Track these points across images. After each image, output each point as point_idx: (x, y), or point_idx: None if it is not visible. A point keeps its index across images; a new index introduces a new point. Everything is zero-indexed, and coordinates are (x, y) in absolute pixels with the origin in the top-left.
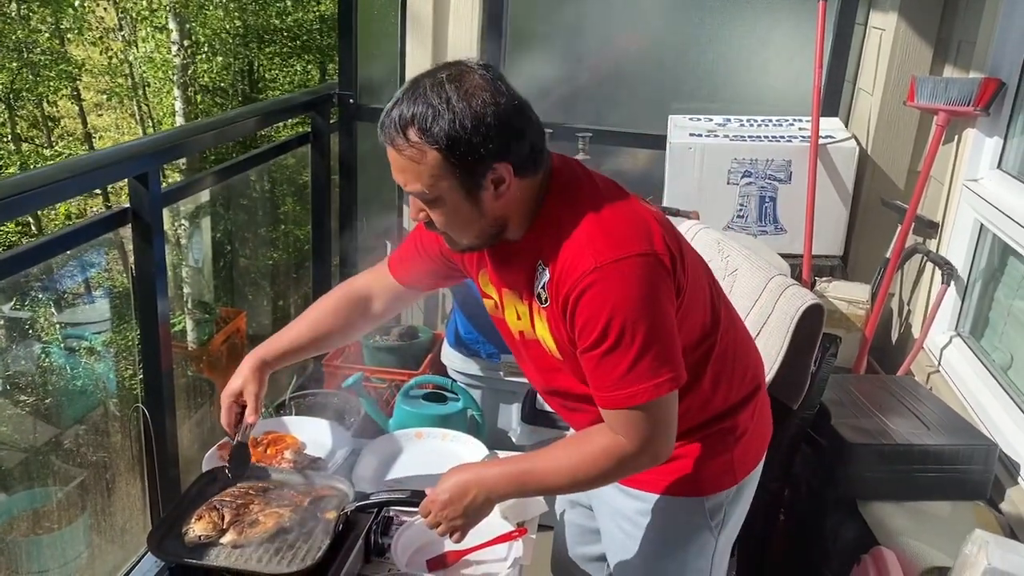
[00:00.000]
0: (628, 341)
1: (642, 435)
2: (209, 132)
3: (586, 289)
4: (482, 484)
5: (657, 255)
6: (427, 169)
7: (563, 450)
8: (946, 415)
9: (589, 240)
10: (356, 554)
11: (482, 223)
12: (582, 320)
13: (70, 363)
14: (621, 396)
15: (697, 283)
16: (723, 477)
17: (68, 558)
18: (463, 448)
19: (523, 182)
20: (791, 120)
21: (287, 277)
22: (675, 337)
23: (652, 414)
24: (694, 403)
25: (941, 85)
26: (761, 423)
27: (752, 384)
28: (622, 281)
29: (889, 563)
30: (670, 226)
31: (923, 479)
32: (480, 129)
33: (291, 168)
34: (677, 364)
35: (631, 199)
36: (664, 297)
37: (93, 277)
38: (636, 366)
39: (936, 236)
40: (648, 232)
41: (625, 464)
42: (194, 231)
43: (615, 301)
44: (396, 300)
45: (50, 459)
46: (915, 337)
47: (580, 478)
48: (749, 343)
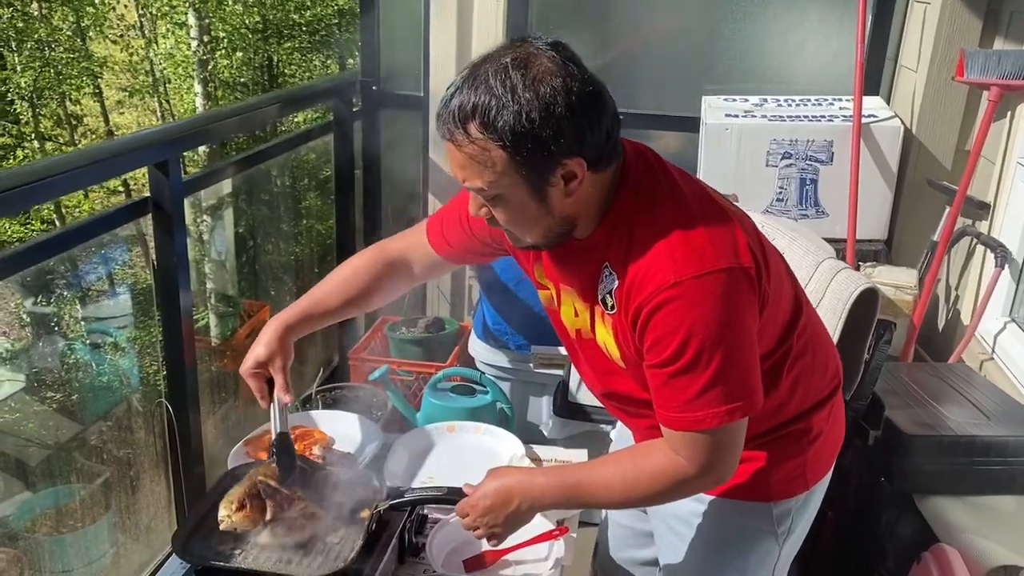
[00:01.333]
0: (704, 364)
1: (705, 459)
2: (231, 119)
3: (662, 305)
4: (527, 493)
5: (743, 268)
6: (490, 167)
7: (617, 465)
8: (1007, 404)
9: (668, 250)
10: (390, 554)
11: (549, 222)
12: (654, 336)
13: (94, 359)
14: (687, 419)
15: (780, 286)
16: (794, 482)
17: (92, 557)
18: (497, 442)
19: (597, 176)
20: (831, 100)
21: (310, 271)
22: (755, 361)
23: (719, 439)
24: (770, 407)
25: (993, 58)
26: (836, 424)
27: (832, 383)
28: (704, 299)
29: (953, 561)
30: (751, 225)
31: (986, 472)
32: (550, 121)
33: (312, 163)
34: (753, 390)
35: (712, 198)
36: (748, 316)
37: (116, 272)
38: (708, 391)
39: (987, 218)
40: (733, 241)
41: (684, 487)
42: (216, 224)
43: (694, 321)
44: (431, 269)
45: (73, 456)
46: (964, 323)
47: (634, 496)
48: (826, 338)
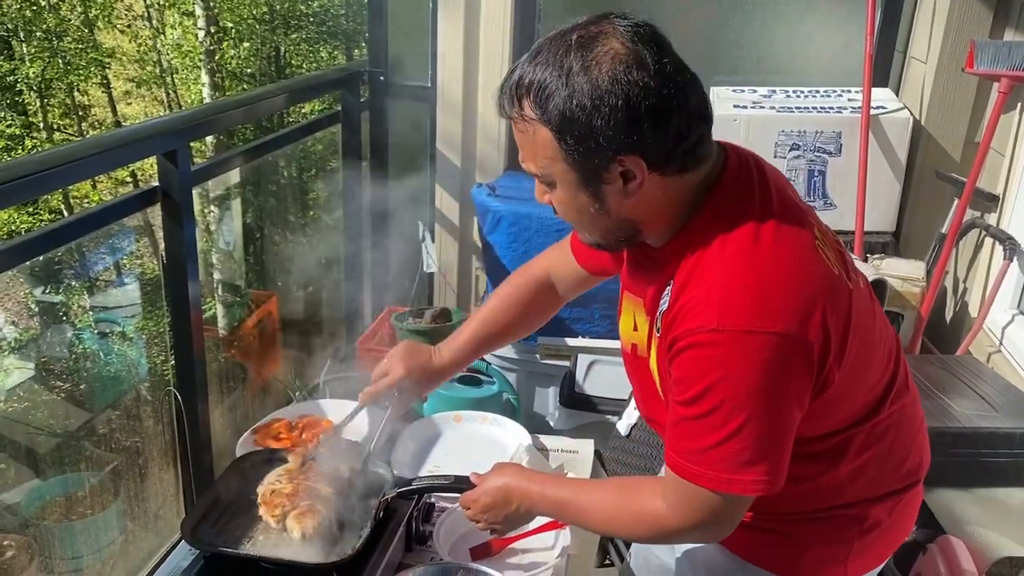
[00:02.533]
0: (719, 422)
1: (690, 515)
2: (239, 108)
3: (694, 346)
4: (525, 498)
5: (804, 341)
6: (540, 149)
7: (608, 493)
8: (1014, 396)
9: (724, 290)
10: (397, 542)
11: (606, 222)
12: (679, 375)
13: (102, 348)
14: (688, 469)
15: (861, 371)
16: (830, 568)
17: (101, 544)
18: (504, 432)
19: (666, 181)
20: (839, 91)
21: (318, 263)
22: (783, 441)
23: (711, 502)
24: (824, 488)
25: (1004, 49)
26: (901, 521)
27: (907, 479)
28: (742, 359)
29: (959, 553)
30: (843, 288)
31: (992, 464)
32: (601, 111)
33: (320, 154)
34: (769, 469)
35: (812, 248)
36: (790, 393)
37: (124, 262)
38: (717, 449)
39: (996, 210)
40: (806, 308)
41: (664, 536)
42: (224, 214)
43: (723, 376)
44: (579, 285)
45: (82, 444)
46: (972, 316)
47: (613, 529)
48: (919, 429)
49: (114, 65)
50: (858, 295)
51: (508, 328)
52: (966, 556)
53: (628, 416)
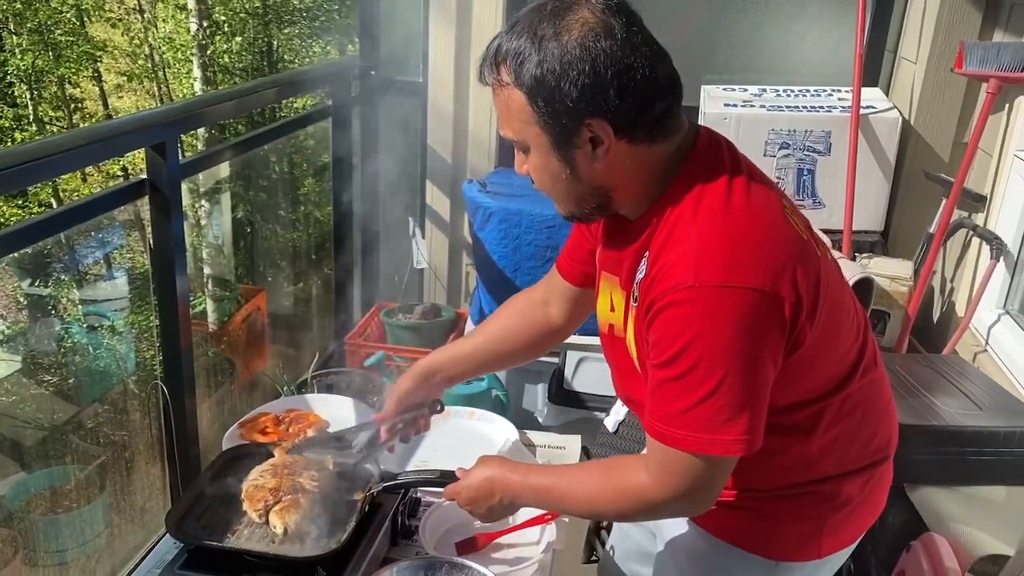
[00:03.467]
0: (698, 381)
1: (673, 484)
2: (229, 102)
3: (672, 305)
4: (507, 489)
5: (777, 297)
6: (516, 113)
7: (589, 475)
8: (999, 395)
9: (699, 250)
10: (383, 536)
11: (578, 188)
12: (657, 335)
13: (91, 341)
14: (667, 433)
15: (832, 337)
16: (805, 545)
17: (87, 537)
18: (491, 427)
19: (634, 149)
20: (829, 90)
21: (307, 258)
22: (760, 399)
23: (693, 467)
24: (797, 462)
25: (992, 50)
26: (872, 497)
27: (875, 455)
28: (718, 314)
29: (942, 550)
30: (812, 254)
31: (976, 462)
32: (570, 75)
33: (311, 149)
34: (748, 428)
35: (782, 215)
36: (765, 350)
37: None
38: (695, 411)
39: (983, 210)
40: (779, 266)
41: (648, 510)
42: (213, 208)
43: (700, 332)
44: (574, 306)
45: (69, 438)
46: (959, 315)
47: (598, 509)
48: (887, 405)
49: (106, 58)
50: (826, 264)
51: (507, 346)
52: (949, 554)
53: (616, 412)
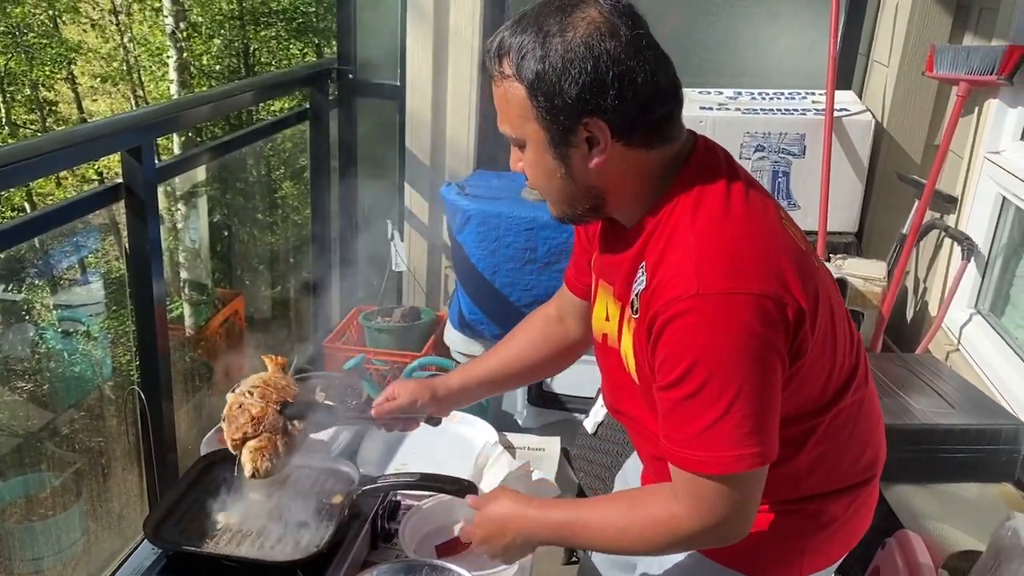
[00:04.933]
0: (713, 396)
1: (708, 512)
2: (205, 105)
3: (676, 317)
4: (521, 528)
5: (782, 303)
6: (514, 107)
7: (615, 507)
8: (970, 394)
9: (700, 257)
10: (362, 540)
11: (572, 189)
12: (664, 352)
13: (66, 347)
14: (691, 458)
15: (829, 342)
16: (786, 565)
17: (63, 545)
18: (471, 430)
19: (631, 152)
20: (804, 93)
21: (285, 262)
22: (774, 405)
23: (725, 489)
24: (782, 478)
25: (962, 54)
26: (857, 517)
27: (862, 475)
28: (725, 321)
29: (916, 547)
30: (810, 264)
31: (948, 460)
32: (571, 72)
33: (289, 152)
34: (768, 438)
35: (775, 218)
36: (773, 356)
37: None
38: (716, 426)
39: (955, 211)
40: (780, 272)
41: (682, 542)
42: (191, 212)
43: (708, 343)
44: (587, 320)
45: (44, 445)
46: (932, 315)
47: (625, 545)
48: (876, 425)
49: (80, 61)
50: (823, 274)
51: (524, 363)
52: (923, 550)
53: (595, 414)
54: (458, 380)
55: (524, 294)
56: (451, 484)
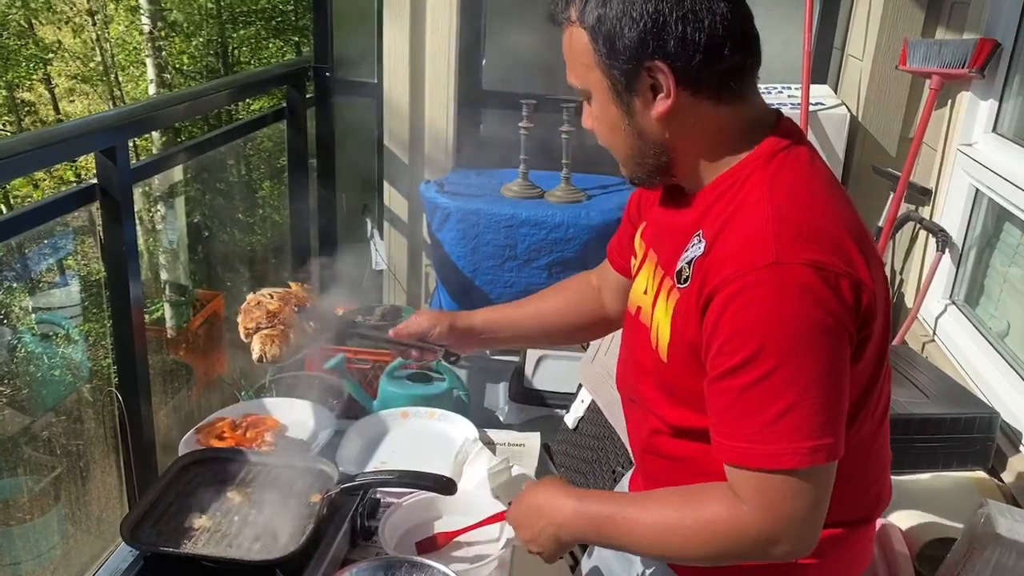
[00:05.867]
0: (786, 378)
1: (781, 511)
2: (181, 104)
3: (746, 289)
4: (554, 517)
5: (859, 286)
6: (578, 54)
7: (666, 502)
8: (945, 384)
9: (781, 225)
10: (342, 538)
11: (637, 143)
12: (727, 330)
13: (45, 350)
14: (761, 452)
15: (869, 365)
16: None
17: (41, 550)
18: (451, 427)
19: (697, 105)
20: (779, 87)
21: (265, 262)
22: (845, 395)
23: (802, 485)
24: None
25: (934, 48)
26: (845, 558)
27: (862, 513)
28: (803, 293)
29: (892, 535)
30: (882, 272)
31: (924, 449)
32: (631, 13)
33: (268, 151)
34: (841, 428)
35: (857, 213)
36: (846, 339)
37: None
38: (790, 414)
39: (929, 203)
40: (863, 254)
41: (744, 546)
42: (168, 212)
43: (785, 317)
44: (624, 297)
45: (21, 449)
46: (908, 306)
47: (676, 546)
48: (884, 465)
49: (56, 61)
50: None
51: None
52: (899, 539)
53: (575, 410)
54: (481, 317)
55: (505, 291)
56: (431, 481)
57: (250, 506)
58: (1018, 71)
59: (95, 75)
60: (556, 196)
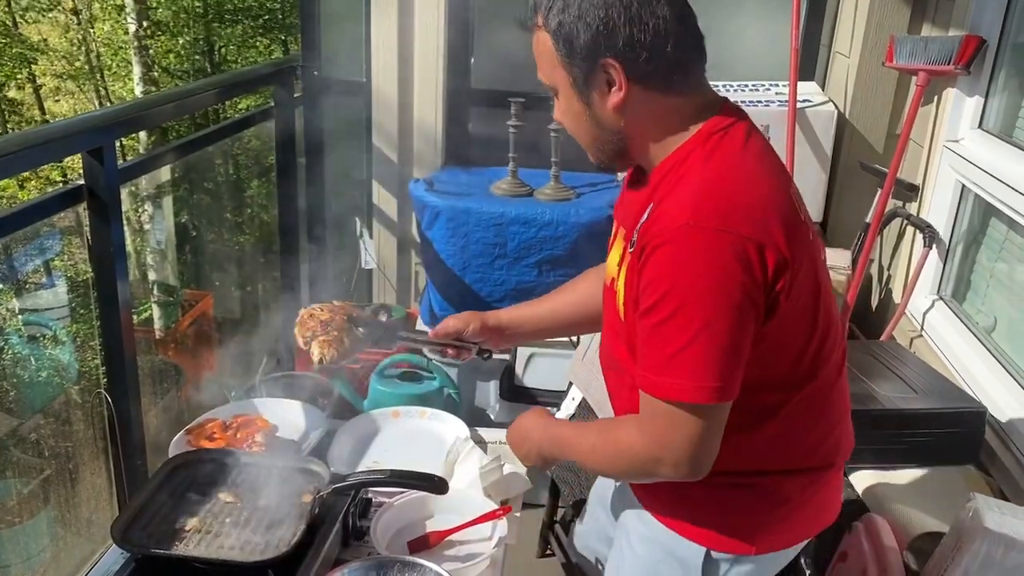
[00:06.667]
0: (682, 323)
1: (660, 438)
2: (168, 104)
3: (664, 244)
4: (534, 436)
5: (762, 249)
6: (545, 55)
7: (595, 428)
8: (933, 379)
9: (702, 195)
10: (334, 538)
11: (597, 131)
12: (647, 278)
13: (33, 352)
14: (655, 383)
15: (805, 316)
16: (736, 537)
17: (31, 552)
18: (442, 426)
19: (647, 95)
20: (767, 85)
21: (254, 261)
22: (741, 349)
23: (682, 418)
24: (743, 448)
25: (920, 44)
26: (814, 504)
27: (823, 460)
28: (706, 254)
29: (881, 530)
30: (804, 235)
31: (912, 444)
32: (586, 18)
33: (256, 151)
34: (730, 378)
35: (782, 185)
36: (747, 300)
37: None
38: (681, 354)
39: (916, 199)
40: (774, 224)
41: (636, 467)
42: (156, 212)
43: (686, 272)
44: None
45: (9, 451)
46: (896, 302)
47: (596, 465)
48: (843, 414)
49: (41, 61)
50: (816, 253)
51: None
52: (888, 533)
53: (566, 407)
54: (506, 314)
55: (495, 289)
56: (422, 480)
57: (241, 507)
58: (1003, 67)
59: (81, 74)
60: (545, 194)
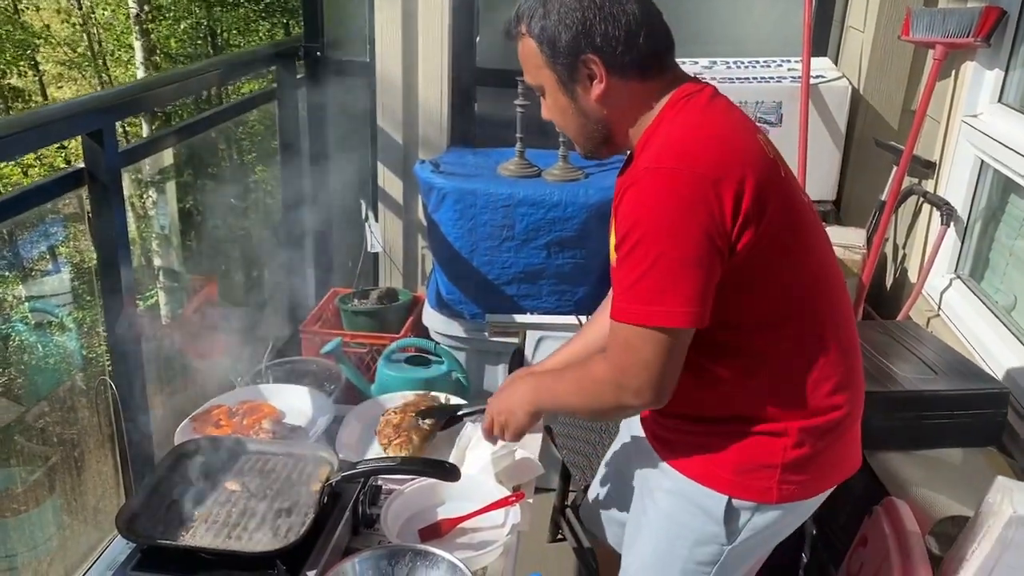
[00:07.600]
0: (640, 255)
1: (616, 361)
2: (170, 85)
3: (629, 187)
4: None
5: (720, 185)
6: (531, 59)
7: (570, 370)
8: (953, 359)
9: (664, 143)
10: (343, 527)
11: (583, 122)
12: (617, 220)
13: (38, 338)
14: (619, 307)
15: (779, 253)
16: (758, 486)
17: (37, 541)
18: None
19: (627, 85)
20: (779, 61)
21: (259, 246)
22: (698, 278)
23: (636, 342)
24: (747, 392)
25: (938, 16)
26: (832, 453)
27: (833, 405)
28: (662, 190)
29: (903, 514)
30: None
31: (933, 426)
32: (565, 21)
33: (260, 135)
34: (685, 302)
35: (751, 129)
36: (703, 233)
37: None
38: (639, 283)
39: (933, 176)
40: (732, 162)
41: (603, 392)
42: (159, 198)
43: (645, 207)
44: None
45: (15, 439)
46: (912, 281)
47: (575, 402)
48: (843, 361)
49: (44, 47)
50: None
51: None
52: (910, 517)
53: None
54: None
55: (503, 272)
56: (432, 467)
57: (249, 496)
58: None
59: (84, 60)
60: (554, 175)
